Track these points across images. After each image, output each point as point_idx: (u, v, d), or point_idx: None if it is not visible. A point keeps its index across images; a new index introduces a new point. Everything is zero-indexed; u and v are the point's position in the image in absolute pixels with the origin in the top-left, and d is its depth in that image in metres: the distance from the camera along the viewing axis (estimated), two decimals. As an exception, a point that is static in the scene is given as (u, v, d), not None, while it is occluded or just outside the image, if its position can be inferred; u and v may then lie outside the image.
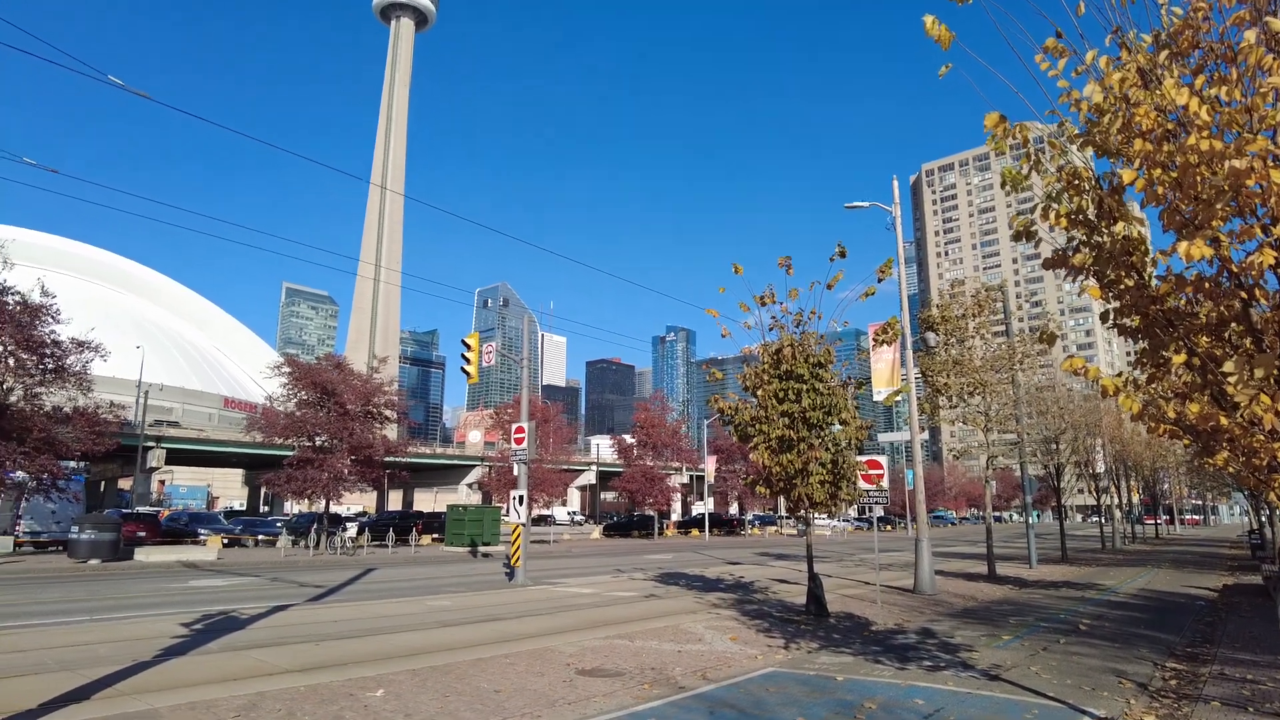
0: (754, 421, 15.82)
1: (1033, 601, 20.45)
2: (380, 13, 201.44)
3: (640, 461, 63.04)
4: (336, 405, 39.02)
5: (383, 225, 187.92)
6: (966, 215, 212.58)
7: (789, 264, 16.22)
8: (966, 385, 24.64)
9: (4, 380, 30.97)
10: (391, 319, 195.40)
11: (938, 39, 6.54)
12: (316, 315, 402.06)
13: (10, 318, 30.60)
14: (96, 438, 32.82)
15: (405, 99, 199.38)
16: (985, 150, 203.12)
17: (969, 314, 25.17)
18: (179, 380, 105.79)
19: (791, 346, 16.00)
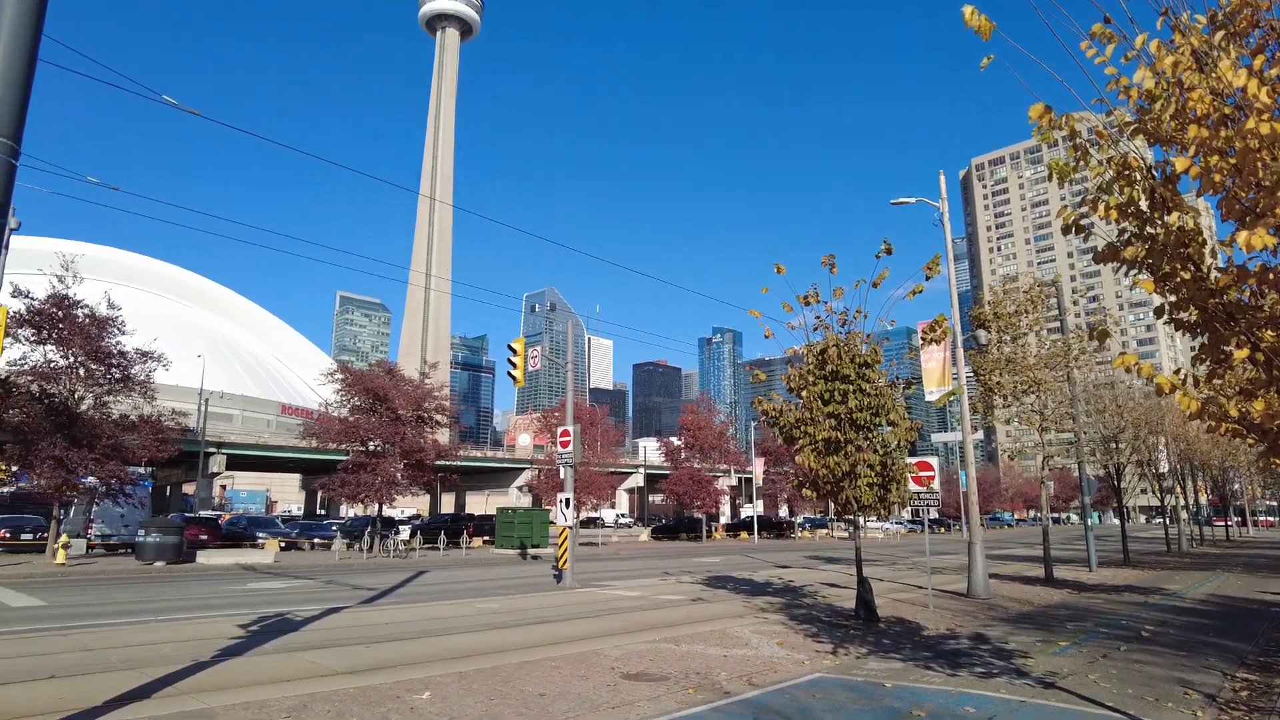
0: (799, 423, 15.61)
1: (1092, 606, 19.78)
2: (426, 24, 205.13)
3: (687, 464, 62.89)
4: (388, 410, 39.76)
5: (432, 234, 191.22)
6: (1019, 209, 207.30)
7: (832, 263, 15.99)
8: (1020, 384, 23.96)
9: (75, 389, 32.34)
10: (442, 325, 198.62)
11: (978, 29, 6.36)
12: (370, 323, 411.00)
13: (80, 330, 31.95)
14: (160, 444, 34.07)
15: (452, 108, 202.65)
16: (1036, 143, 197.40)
17: (1021, 310, 24.47)
18: (239, 388, 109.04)
19: (837, 346, 15.75)
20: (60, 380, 31.82)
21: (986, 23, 6.30)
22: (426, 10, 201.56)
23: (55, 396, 31.75)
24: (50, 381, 31.57)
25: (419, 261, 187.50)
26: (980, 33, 6.34)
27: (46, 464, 30.39)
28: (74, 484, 31.92)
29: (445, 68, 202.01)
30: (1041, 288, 26.05)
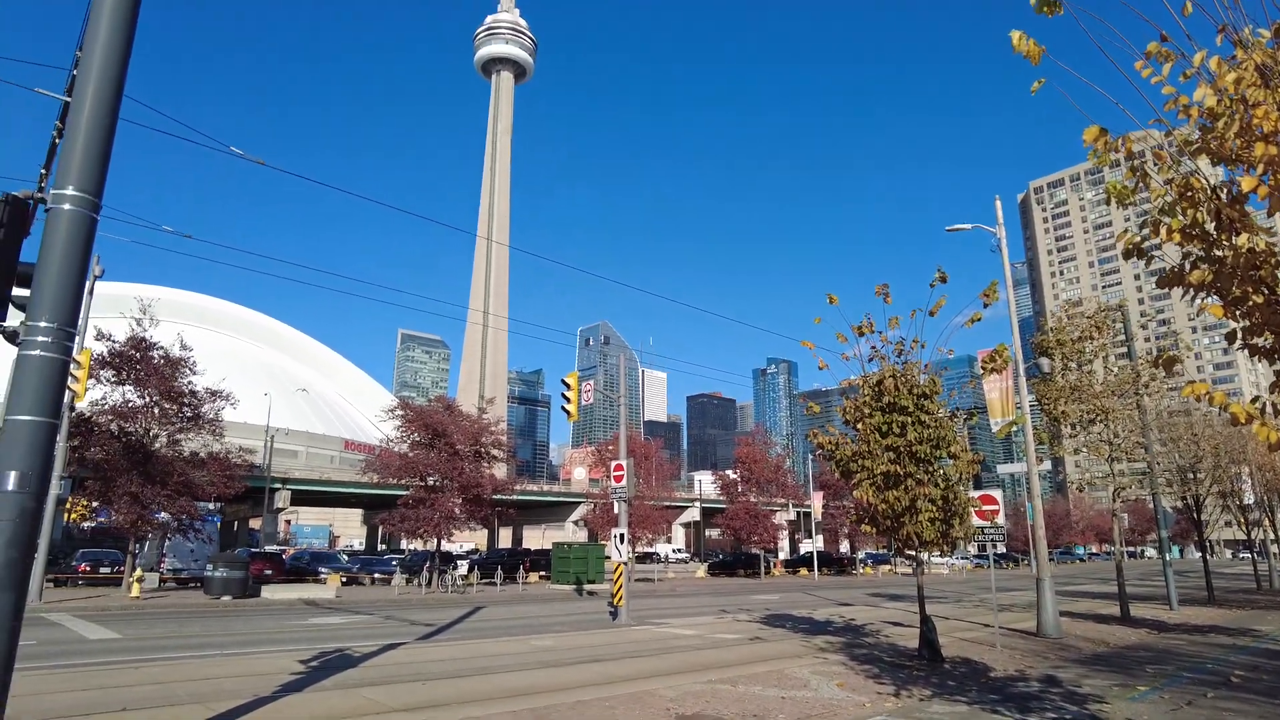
0: (856, 457, 15.30)
1: (1174, 648, 18.72)
2: (481, 68, 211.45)
3: (744, 498, 62.02)
4: (447, 445, 40.33)
5: (489, 273, 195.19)
6: (1081, 232, 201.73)
7: (886, 292, 15.75)
8: (1086, 413, 23.08)
9: (150, 428, 33.72)
10: (499, 361, 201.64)
11: (1026, 54, 6.28)
12: (430, 359, 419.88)
13: (156, 370, 33.42)
14: (228, 480, 35.18)
15: (507, 149, 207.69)
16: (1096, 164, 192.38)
17: (1086, 336, 23.66)
18: (304, 425, 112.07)
19: (893, 377, 15.44)
20: (137, 419, 33.24)
21: (1035, 47, 6.21)
22: (482, 55, 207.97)
23: (132, 435, 33.14)
24: (128, 420, 33.00)
25: (477, 300, 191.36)
26: (1030, 57, 6.25)
27: (124, 500, 31.67)
28: (148, 519, 33.15)
29: (500, 110, 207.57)
30: (1107, 312, 25.19)
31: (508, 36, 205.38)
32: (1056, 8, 6.17)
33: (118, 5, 6.60)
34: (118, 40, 6.55)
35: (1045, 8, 6.24)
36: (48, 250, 6.08)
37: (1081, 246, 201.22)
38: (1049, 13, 6.23)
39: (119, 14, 6.59)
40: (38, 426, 5.87)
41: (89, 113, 6.32)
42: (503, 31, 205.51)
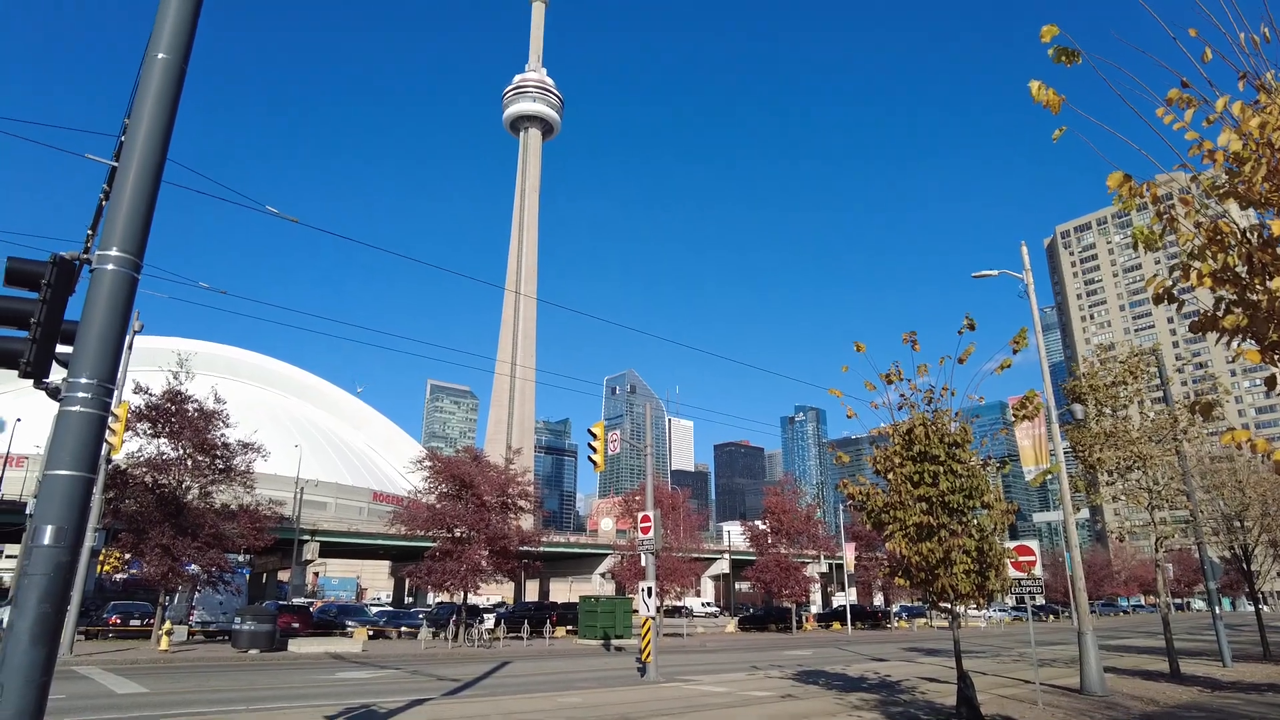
0: (888, 508, 15.02)
1: (1230, 708, 17.87)
2: (510, 125, 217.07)
3: (774, 549, 60.91)
4: (474, 497, 40.31)
5: (517, 324, 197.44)
6: (1110, 275, 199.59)
7: (914, 339, 15.67)
8: (1123, 459, 22.52)
9: (183, 480, 34.16)
10: (526, 410, 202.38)
11: (1046, 104, 6.33)
12: (458, 409, 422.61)
13: (190, 423, 33.99)
14: (257, 533, 35.40)
15: (535, 204, 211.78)
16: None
17: (1120, 381, 23.22)
18: (333, 476, 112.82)
19: (924, 426, 15.23)
20: (170, 471, 33.72)
21: (1055, 96, 6.27)
22: (510, 113, 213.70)
23: (165, 487, 33.58)
24: (162, 472, 33.49)
25: (505, 350, 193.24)
26: (1049, 106, 6.31)
27: (155, 552, 31.95)
28: (179, 571, 33.35)
29: (528, 165, 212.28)
30: (1140, 357, 24.73)
31: (535, 95, 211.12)
32: (1074, 57, 6.24)
33: (164, 79, 6.91)
34: (163, 111, 6.86)
35: (1063, 58, 6.31)
36: (91, 309, 6.28)
37: (1111, 290, 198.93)
38: (1067, 62, 6.30)
39: (165, 87, 6.91)
40: (75, 481, 5.98)
41: (134, 177, 6.59)
42: (530, 90, 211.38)
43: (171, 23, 7.04)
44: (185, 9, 7.13)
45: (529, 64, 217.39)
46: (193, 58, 7.28)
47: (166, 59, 6.95)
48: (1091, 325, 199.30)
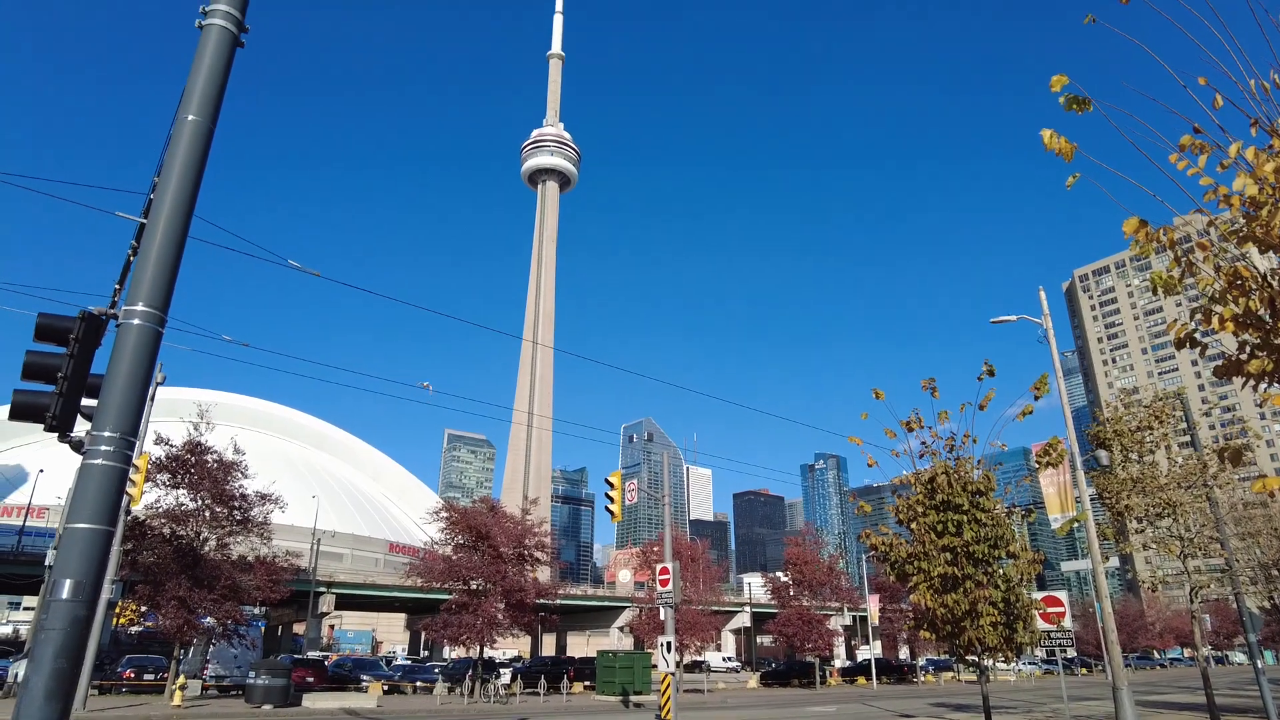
0: (911, 558, 14.75)
1: (1278, 767, 17.09)
2: (528, 178, 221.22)
3: (796, 602, 59.69)
4: (490, 548, 40.01)
5: (534, 373, 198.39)
6: (1131, 319, 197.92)
7: (933, 386, 15.55)
8: (1152, 506, 22.03)
9: (201, 531, 34.18)
10: (543, 460, 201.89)
11: (1059, 152, 6.39)
12: (475, 459, 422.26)
13: (209, 474, 34.15)
14: (274, 585, 35.24)
15: (552, 255, 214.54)
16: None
17: (1145, 426, 22.85)
18: (349, 526, 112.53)
19: (946, 474, 15.03)
20: (188, 522, 33.77)
21: (1067, 144, 6.32)
22: (529, 166, 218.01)
23: (183, 538, 33.61)
24: (180, 524, 33.56)
25: (522, 400, 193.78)
26: (1062, 154, 6.36)
27: (171, 604, 31.81)
28: (195, 624, 33.14)
29: (546, 216, 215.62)
30: (1165, 400, 24.37)
31: (553, 149, 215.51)
32: (1085, 105, 6.30)
33: (192, 140, 7.14)
34: (191, 171, 7.06)
35: (1074, 106, 6.38)
36: (116, 363, 6.38)
37: (1133, 333, 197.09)
38: (1078, 110, 6.36)
39: (193, 147, 7.13)
40: (95, 534, 6.00)
41: (161, 234, 6.75)
42: (548, 144, 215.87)
43: (201, 87, 7.29)
44: (215, 74, 7.39)
45: (547, 119, 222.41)
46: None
47: (196, 121, 7.18)
48: (1114, 369, 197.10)
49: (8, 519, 78.13)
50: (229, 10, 7.59)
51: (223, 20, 7.55)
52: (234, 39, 7.60)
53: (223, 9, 7.57)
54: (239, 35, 7.65)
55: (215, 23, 7.52)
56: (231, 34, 7.58)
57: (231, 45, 7.58)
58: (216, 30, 7.51)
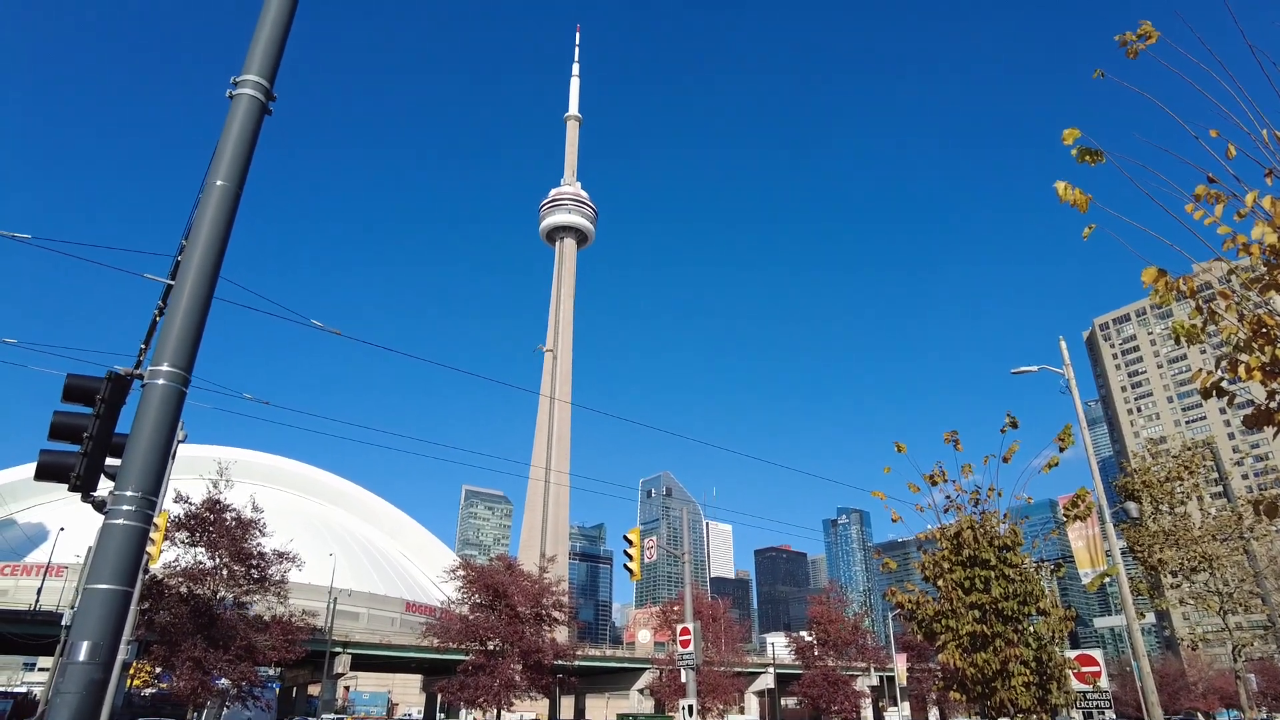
0: (939, 616, 14.35)
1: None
2: (546, 236, 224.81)
3: (820, 662, 58.14)
4: (507, 607, 39.48)
5: (552, 429, 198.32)
6: (1154, 366, 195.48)
7: (956, 439, 15.36)
8: (1187, 560, 21.42)
9: (218, 590, 34.00)
10: (561, 516, 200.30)
11: (1074, 203, 6.42)
12: (493, 515, 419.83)
13: (227, 532, 34.13)
14: (289, 645, 34.85)
15: (570, 311, 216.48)
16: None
17: (1175, 477, 22.37)
18: (366, 585, 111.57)
19: (972, 528, 14.72)
20: (206, 581, 33.63)
21: (1081, 196, 6.36)
22: (547, 225, 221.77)
23: (200, 597, 33.43)
24: (197, 582, 33.42)
25: (539, 456, 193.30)
26: (1077, 206, 6.39)
27: (186, 665, 31.47)
28: (209, 686, 32.72)
29: (563, 273, 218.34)
30: (1194, 450, 23.90)
31: (570, 207, 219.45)
32: (1098, 157, 6.35)
33: (220, 204, 7.34)
34: (218, 234, 7.26)
35: (1087, 158, 6.43)
36: (140, 422, 6.46)
37: (1157, 381, 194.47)
38: (1091, 162, 6.42)
39: (221, 211, 7.33)
40: (113, 595, 5.99)
41: (188, 296, 6.90)
42: (566, 202, 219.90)
43: (230, 153, 7.53)
44: (243, 141, 7.64)
45: (564, 178, 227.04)
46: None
47: (224, 186, 7.39)
48: (1139, 418, 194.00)
49: (27, 578, 78.27)
50: (258, 80, 7.88)
51: (252, 90, 7.83)
52: (262, 107, 7.88)
53: (252, 79, 7.87)
54: (267, 104, 7.92)
55: (245, 92, 7.81)
56: (260, 103, 7.87)
57: (260, 114, 7.85)
58: (246, 99, 7.79)
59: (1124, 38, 6.46)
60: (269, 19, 8.26)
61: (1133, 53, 6.36)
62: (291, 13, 8.50)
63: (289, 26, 8.42)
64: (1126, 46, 6.41)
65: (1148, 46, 6.27)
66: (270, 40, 8.17)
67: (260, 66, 7.99)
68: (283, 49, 8.30)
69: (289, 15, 8.45)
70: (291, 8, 8.51)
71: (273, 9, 8.35)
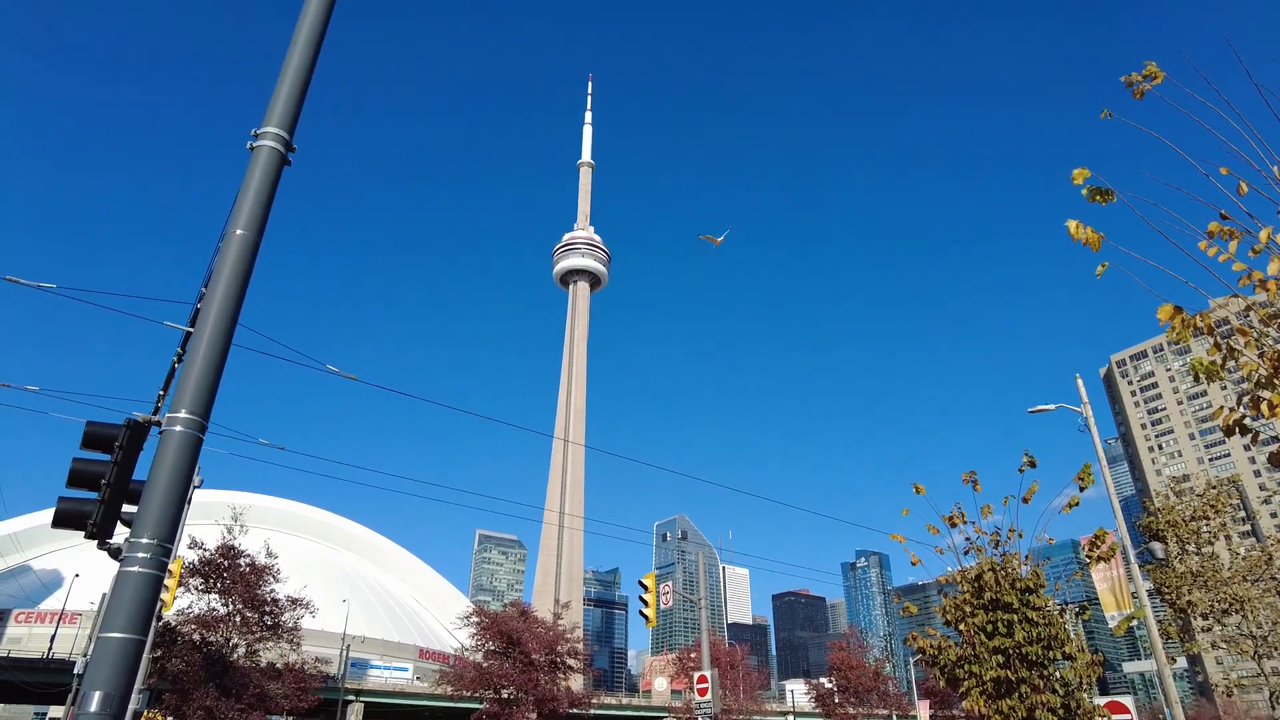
0: (961, 661, 14.01)
1: None
2: (560, 279, 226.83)
3: (841, 710, 56.71)
4: (521, 654, 38.95)
5: (566, 472, 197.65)
6: (1174, 403, 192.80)
7: (974, 479, 15.17)
8: (1217, 602, 20.86)
9: (230, 637, 33.74)
10: (575, 561, 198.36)
11: (1085, 241, 6.42)
12: (506, 560, 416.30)
13: (241, 578, 34.00)
14: (302, 693, 34.42)
15: (584, 353, 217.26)
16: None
17: (1201, 516, 21.92)
18: (379, 632, 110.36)
19: (993, 571, 14.44)
20: (219, 628, 33.40)
21: (1093, 234, 6.36)
22: (560, 268, 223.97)
23: (213, 644, 33.17)
24: (210, 629, 33.19)
25: (553, 499, 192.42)
26: (1089, 244, 6.39)
27: (198, 714, 31.09)
28: (219, 738, 32.27)
29: (577, 316, 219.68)
30: (1220, 488, 23.45)
31: (584, 250, 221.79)
32: (1109, 196, 6.38)
33: (239, 253, 7.48)
34: (237, 282, 7.38)
35: (1097, 197, 6.46)
36: (157, 469, 6.50)
37: (1178, 418, 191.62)
38: (1101, 201, 6.44)
39: (240, 260, 7.47)
40: (127, 644, 5.96)
41: (206, 343, 6.99)
42: (579, 246, 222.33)
43: (250, 202, 7.69)
44: (263, 192, 7.81)
45: (577, 223, 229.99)
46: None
47: (244, 235, 7.54)
48: (1161, 456, 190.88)
49: (41, 625, 78.07)
50: (278, 133, 8.08)
51: (272, 141, 8.03)
52: (282, 159, 8.07)
53: (273, 131, 8.07)
54: (286, 155, 8.11)
55: (265, 144, 8.00)
56: (280, 154, 8.05)
57: (279, 165, 8.04)
58: (266, 151, 7.98)
59: (1130, 78, 6.52)
60: (290, 72, 8.49)
61: (1139, 93, 6.42)
62: (312, 67, 8.74)
63: (309, 80, 8.65)
64: (1133, 87, 6.47)
65: (1154, 86, 6.33)
66: (291, 93, 8.39)
67: (280, 119, 8.19)
68: (303, 102, 8.52)
69: (309, 69, 8.69)
70: (312, 62, 8.75)
71: (294, 63, 8.60)
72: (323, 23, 8.99)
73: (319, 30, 8.91)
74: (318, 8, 8.95)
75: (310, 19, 8.89)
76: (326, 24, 9.04)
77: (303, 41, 8.75)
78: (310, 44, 8.78)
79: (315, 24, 8.89)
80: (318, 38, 8.88)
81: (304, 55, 8.68)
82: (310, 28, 8.84)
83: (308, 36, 8.79)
